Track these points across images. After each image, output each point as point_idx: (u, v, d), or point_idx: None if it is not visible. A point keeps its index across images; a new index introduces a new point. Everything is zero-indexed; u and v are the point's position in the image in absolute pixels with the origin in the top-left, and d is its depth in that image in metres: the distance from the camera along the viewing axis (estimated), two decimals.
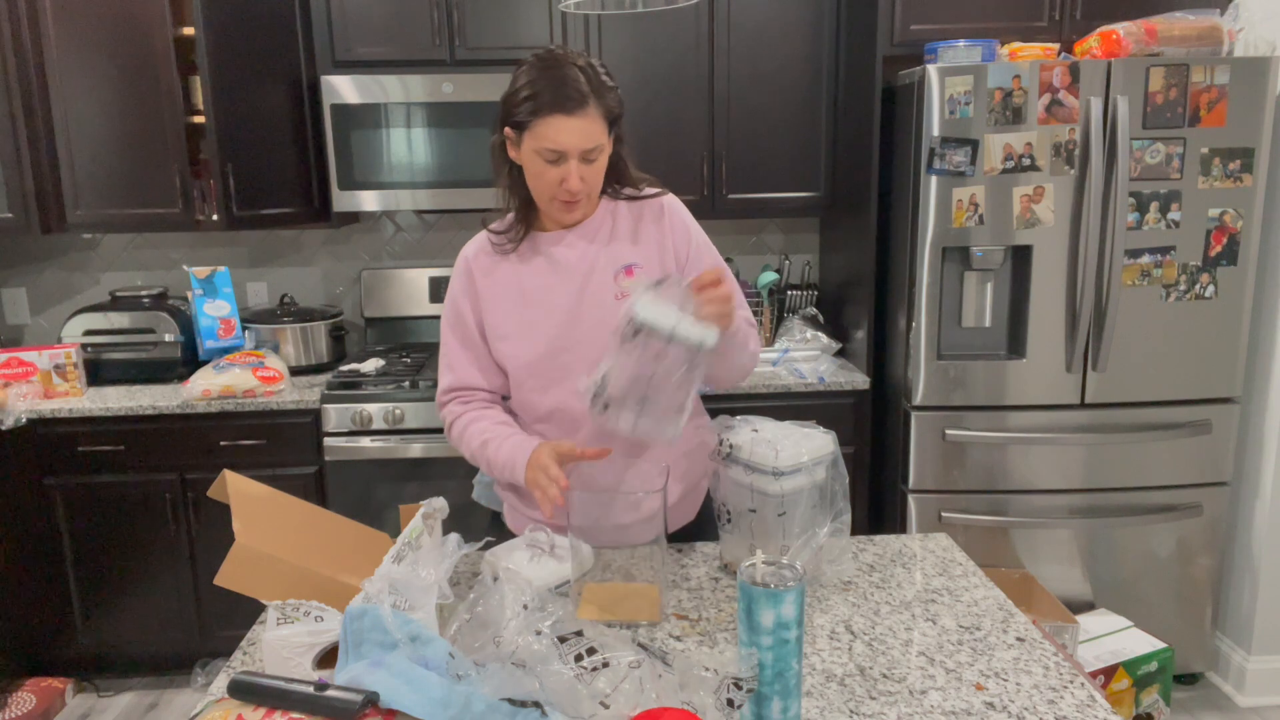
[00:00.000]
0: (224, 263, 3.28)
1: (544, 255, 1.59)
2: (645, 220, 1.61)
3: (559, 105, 1.41)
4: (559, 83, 1.42)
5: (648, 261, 1.59)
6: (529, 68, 1.46)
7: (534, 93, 1.42)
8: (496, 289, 1.59)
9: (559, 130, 1.42)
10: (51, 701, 2.78)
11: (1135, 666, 2.53)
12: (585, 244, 1.59)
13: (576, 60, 1.45)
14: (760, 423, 1.47)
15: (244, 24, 2.81)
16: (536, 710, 0.93)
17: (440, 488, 2.73)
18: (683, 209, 1.66)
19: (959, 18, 2.72)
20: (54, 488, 2.79)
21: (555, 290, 1.57)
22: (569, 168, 1.45)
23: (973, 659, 1.24)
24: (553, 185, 1.48)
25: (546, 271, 1.58)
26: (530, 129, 1.44)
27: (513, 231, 1.59)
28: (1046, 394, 2.62)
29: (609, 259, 1.58)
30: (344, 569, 1.24)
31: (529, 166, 1.49)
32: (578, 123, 1.42)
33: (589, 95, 1.43)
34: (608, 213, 1.61)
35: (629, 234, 1.60)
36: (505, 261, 1.60)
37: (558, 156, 1.45)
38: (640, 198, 1.63)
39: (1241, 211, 2.53)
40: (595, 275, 1.57)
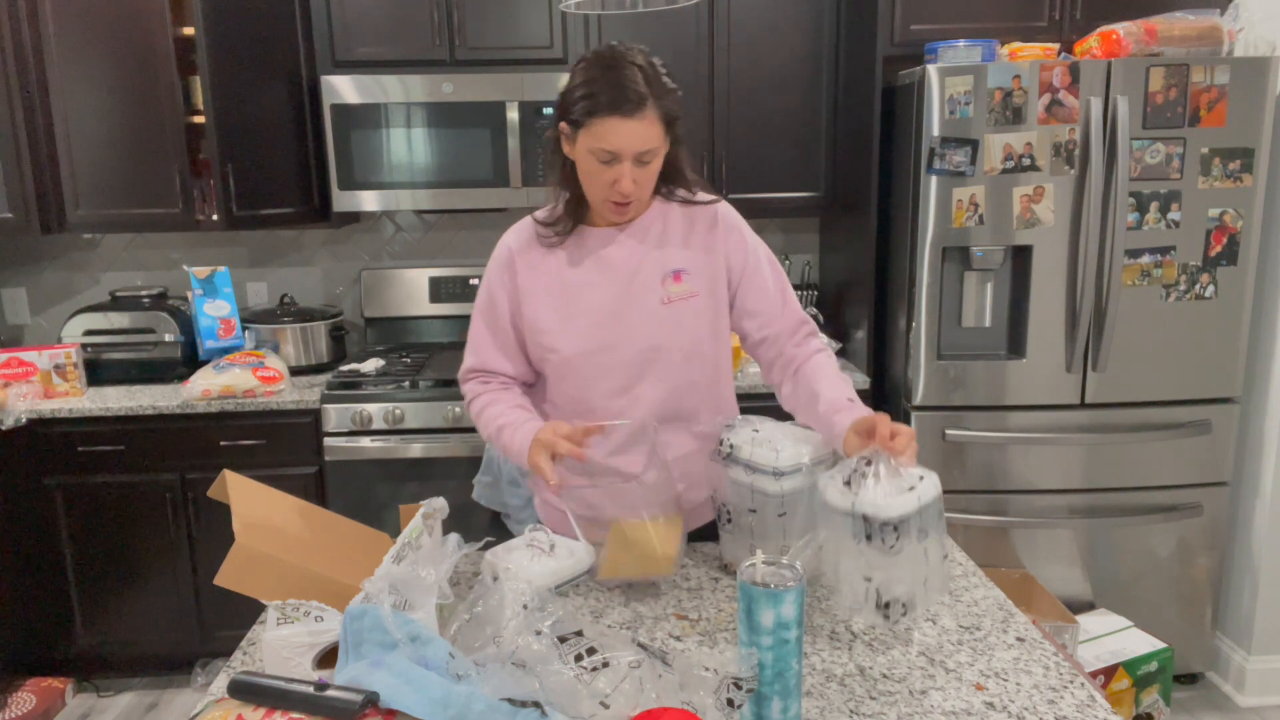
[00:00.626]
0: (224, 263, 3.28)
1: (590, 252, 1.57)
2: (698, 227, 1.59)
3: (616, 106, 1.39)
4: (617, 83, 1.39)
5: (696, 268, 1.58)
6: (587, 65, 1.44)
7: (591, 92, 1.40)
8: (538, 282, 1.58)
9: (614, 132, 1.40)
10: (51, 701, 2.78)
11: (1135, 666, 2.53)
12: (634, 244, 1.57)
13: (636, 59, 1.43)
14: (761, 423, 1.47)
15: (244, 24, 2.81)
16: (536, 710, 0.93)
17: (440, 488, 2.73)
18: (738, 218, 1.64)
19: (959, 18, 2.72)
20: (54, 488, 2.79)
21: (599, 288, 1.56)
22: (622, 169, 1.43)
23: (973, 659, 1.24)
24: (605, 186, 1.46)
25: (591, 268, 1.57)
26: (586, 128, 1.42)
27: (560, 224, 1.57)
28: (1046, 394, 2.62)
29: (656, 262, 1.56)
30: (344, 569, 1.24)
31: (582, 164, 1.47)
32: (634, 125, 1.40)
33: (647, 97, 1.40)
34: (659, 215, 1.59)
35: (679, 238, 1.59)
36: (549, 254, 1.58)
37: (612, 157, 1.43)
38: (694, 203, 1.61)
39: (1241, 211, 2.53)
40: (641, 276, 1.56)
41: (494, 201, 2.95)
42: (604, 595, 1.44)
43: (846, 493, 1.20)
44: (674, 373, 1.58)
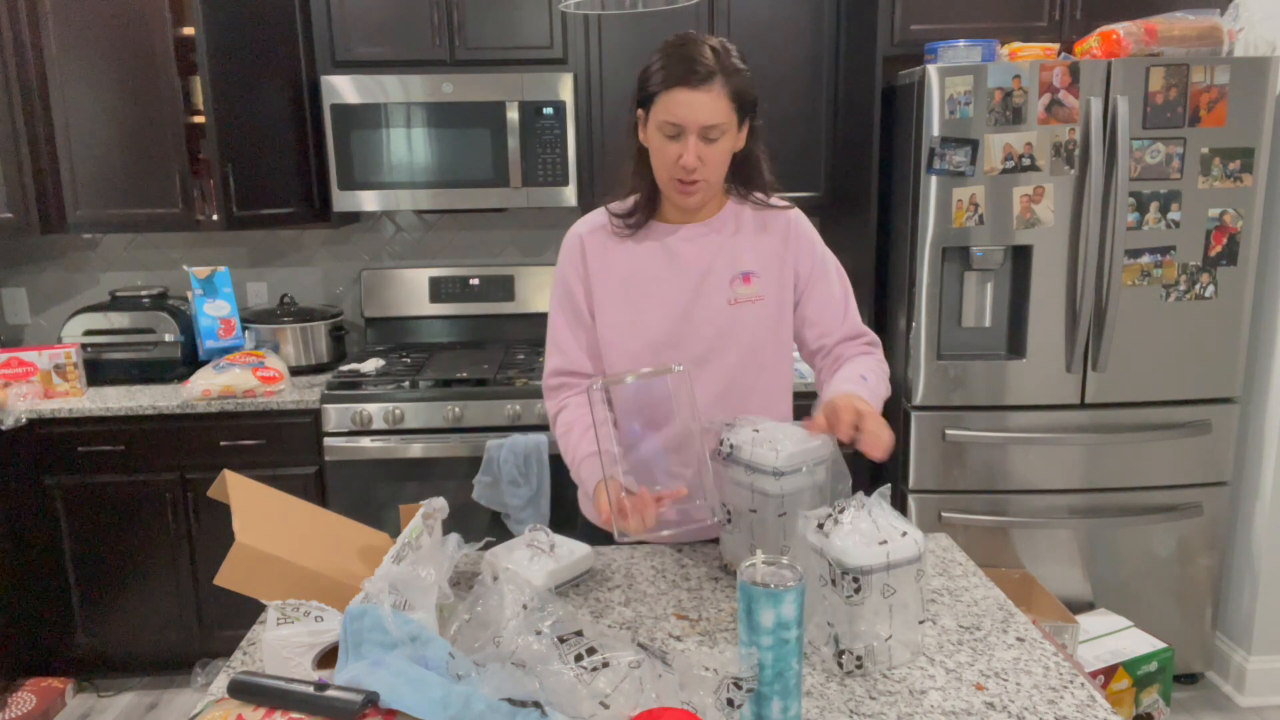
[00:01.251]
0: (224, 263, 3.28)
1: (661, 245, 1.58)
2: (770, 231, 1.60)
3: (683, 78, 1.41)
4: (686, 57, 1.42)
5: (765, 272, 1.58)
6: (663, 47, 1.47)
7: (663, 65, 1.43)
8: (608, 270, 1.58)
9: (680, 103, 1.42)
10: (51, 701, 2.78)
11: (1135, 666, 2.53)
12: (705, 241, 1.58)
13: (710, 40, 1.46)
14: (761, 422, 1.47)
15: (244, 24, 2.81)
16: (536, 710, 0.93)
17: (440, 488, 2.74)
18: (809, 226, 1.65)
19: (959, 18, 2.72)
20: (54, 488, 2.79)
21: (669, 283, 1.56)
22: (688, 143, 1.44)
23: (973, 659, 1.24)
24: (670, 163, 1.46)
25: (662, 262, 1.57)
26: (655, 102, 1.44)
27: (635, 216, 1.57)
28: (1046, 394, 2.62)
29: (727, 261, 1.57)
30: (344, 569, 1.24)
31: (652, 144, 1.48)
32: (701, 97, 1.42)
33: (715, 71, 1.43)
34: (732, 214, 1.60)
35: (751, 241, 1.59)
36: (620, 244, 1.59)
37: (678, 131, 1.44)
38: (768, 207, 1.62)
39: (1241, 211, 2.53)
40: (712, 275, 1.56)
41: (494, 201, 2.95)
42: (604, 595, 1.45)
43: (819, 534, 1.20)
44: (730, 373, 1.58)
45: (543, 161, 2.90)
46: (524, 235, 3.40)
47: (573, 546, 1.49)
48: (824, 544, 1.19)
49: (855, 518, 1.19)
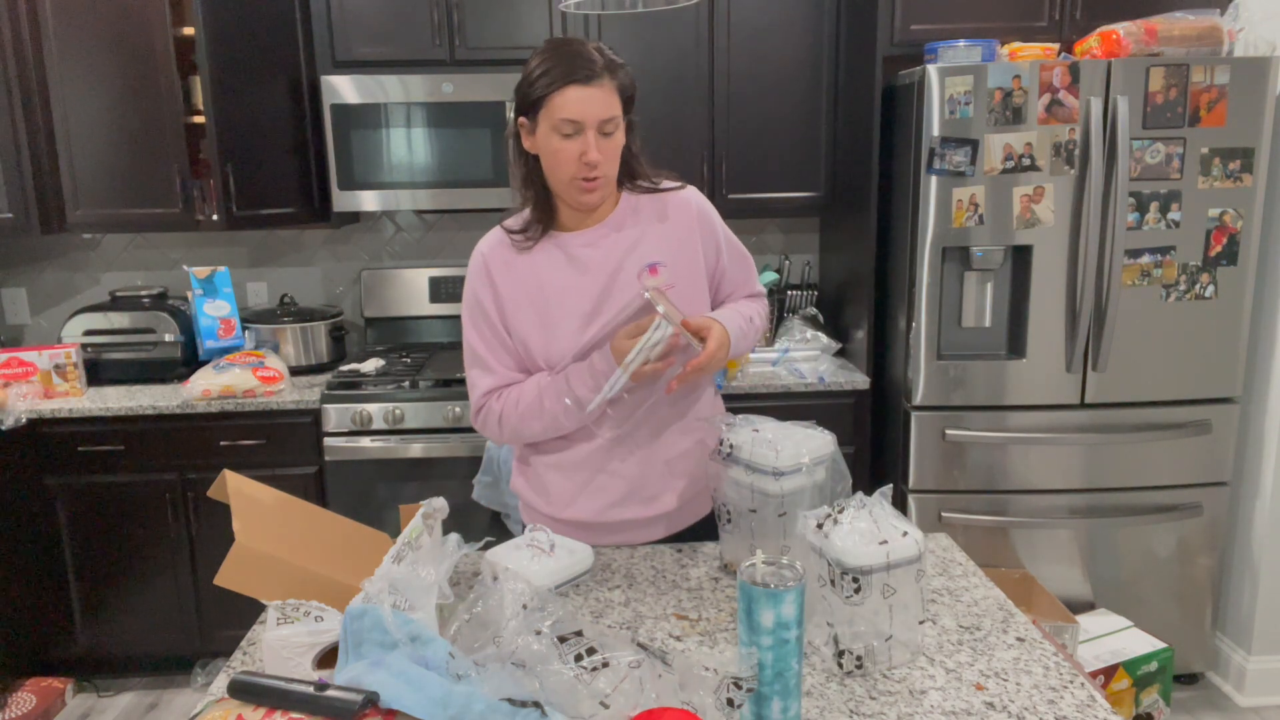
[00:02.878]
0: (224, 263, 3.28)
1: (565, 254, 1.57)
2: (670, 217, 1.60)
3: (574, 76, 1.42)
4: (573, 55, 1.43)
5: (672, 258, 1.57)
6: (540, 51, 1.47)
7: (549, 68, 1.43)
8: (516, 288, 1.57)
9: (575, 100, 1.42)
10: (51, 701, 2.78)
11: (1135, 666, 2.53)
12: (609, 242, 1.57)
13: (585, 40, 1.48)
14: (761, 422, 1.47)
15: (244, 24, 2.81)
16: (536, 710, 0.93)
17: (440, 488, 2.74)
18: (707, 203, 1.65)
19: (959, 18, 2.72)
20: (54, 488, 2.79)
21: (578, 290, 1.55)
22: (588, 139, 1.44)
23: (973, 659, 1.24)
24: (572, 161, 1.46)
25: (568, 270, 1.56)
26: (546, 104, 1.44)
27: (531, 229, 1.57)
28: (1046, 394, 2.62)
29: (634, 255, 1.56)
30: (344, 569, 1.24)
31: (546, 147, 1.48)
32: (594, 92, 1.43)
33: (604, 68, 1.44)
34: (629, 208, 1.59)
35: (653, 230, 1.59)
36: (523, 259, 1.57)
37: (575, 128, 1.44)
38: (660, 190, 1.61)
39: (1241, 211, 2.53)
40: (621, 273, 1.56)
41: (494, 201, 2.95)
42: (604, 595, 1.45)
43: (818, 534, 1.20)
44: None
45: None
46: None
47: (573, 546, 1.49)
48: (824, 544, 1.19)
49: (855, 517, 1.19)
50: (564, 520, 1.65)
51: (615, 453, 1.60)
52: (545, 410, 1.55)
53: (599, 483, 1.61)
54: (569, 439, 1.61)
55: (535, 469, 1.68)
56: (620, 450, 1.60)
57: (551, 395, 1.54)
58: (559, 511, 1.65)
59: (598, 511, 1.63)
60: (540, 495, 1.68)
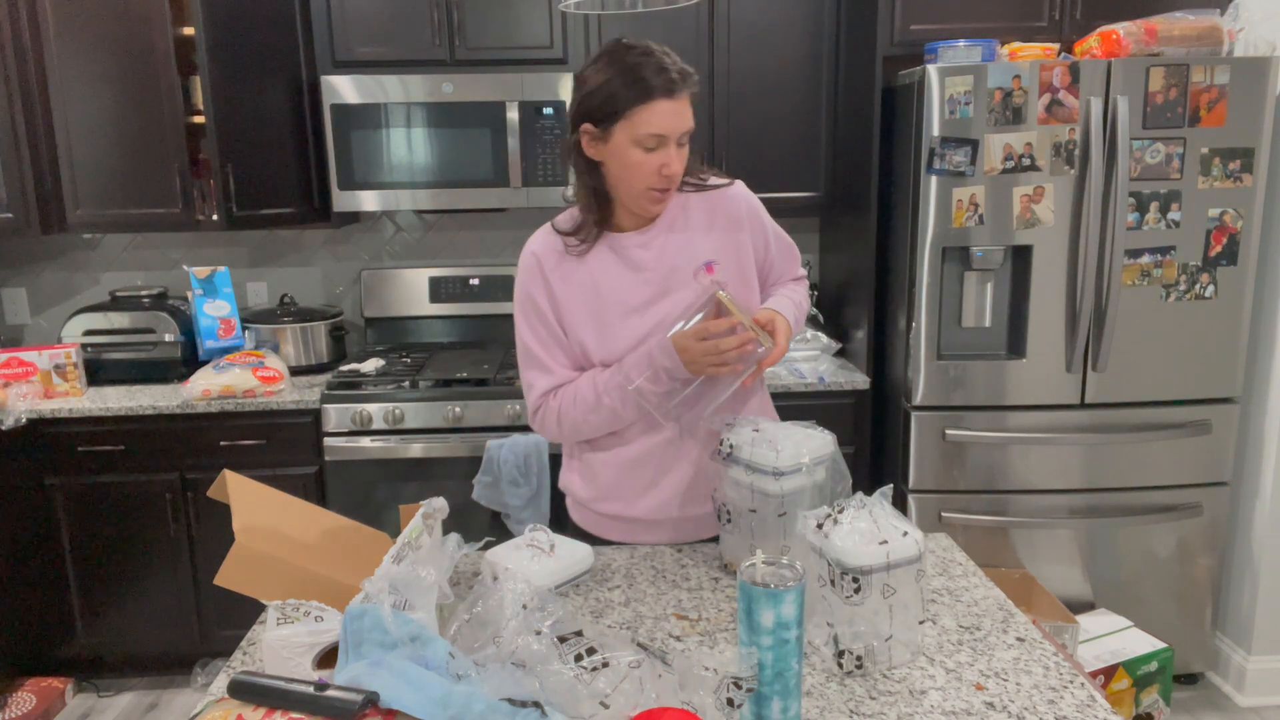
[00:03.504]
0: (224, 263, 3.28)
1: (618, 255, 1.56)
2: (719, 215, 1.59)
3: (665, 89, 1.40)
4: (660, 67, 1.41)
5: (725, 256, 1.57)
6: (610, 61, 1.43)
7: (631, 80, 1.40)
8: (571, 291, 1.56)
9: (663, 114, 1.41)
10: (51, 701, 2.78)
11: (1135, 666, 2.53)
12: (662, 241, 1.56)
13: (655, 46, 1.45)
14: (761, 422, 1.47)
15: (244, 24, 2.81)
16: (536, 710, 0.93)
17: (440, 488, 2.74)
18: (754, 198, 1.64)
19: (959, 18, 2.72)
20: (54, 488, 2.79)
21: (633, 291, 1.55)
22: (670, 152, 1.44)
23: (973, 659, 1.24)
24: (650, 174, 1.45)
25: (623, 271, 1.55)
26: (629, 116, 1.41)
27: (584, 231, 1.55)
28: (1046, 394, 2.62)
29: (688, 255, 1.56)
30: (344, 569, 1.24)
31: (622, 158, 1.45)
32: (679, 105, 1.42)
33: (683, 79, 1.43)
34: (679, 207, 1.58)
35: (704, 226, 1.58)
36: (576, 262, 1.56)
37: (659, 142, 1.43)
38: (709, 187, 1.60)
39: (1241, 211, 2.53)
40: (676, 273, 1.55)
41: (494, 201, 2.95)
42: (604, 595, 1.45)
43: (818, 534, 1.20)
44: None
45: (543, 161, 2.90)
46: (524, 235, 3.38)
47: (573, 546, 1.49)
48: (824, 544, 1.19)
49: (855, 517, 1.19)
50: (623, 518, 1.65)
51: (673, 451, 1.60)
52: (603, 405, 1.54)
53: (658, 480, 1.61)
54: (626, 437, 1.61)
55: (591, 466, 1.67)
56: (678, 449, 1.60)
57: (609, 388, 1.53)
58: (624, 510, 1.64)
59: (656, 509, 1.62)
60: (596, 492, 1.66)
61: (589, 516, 1.70)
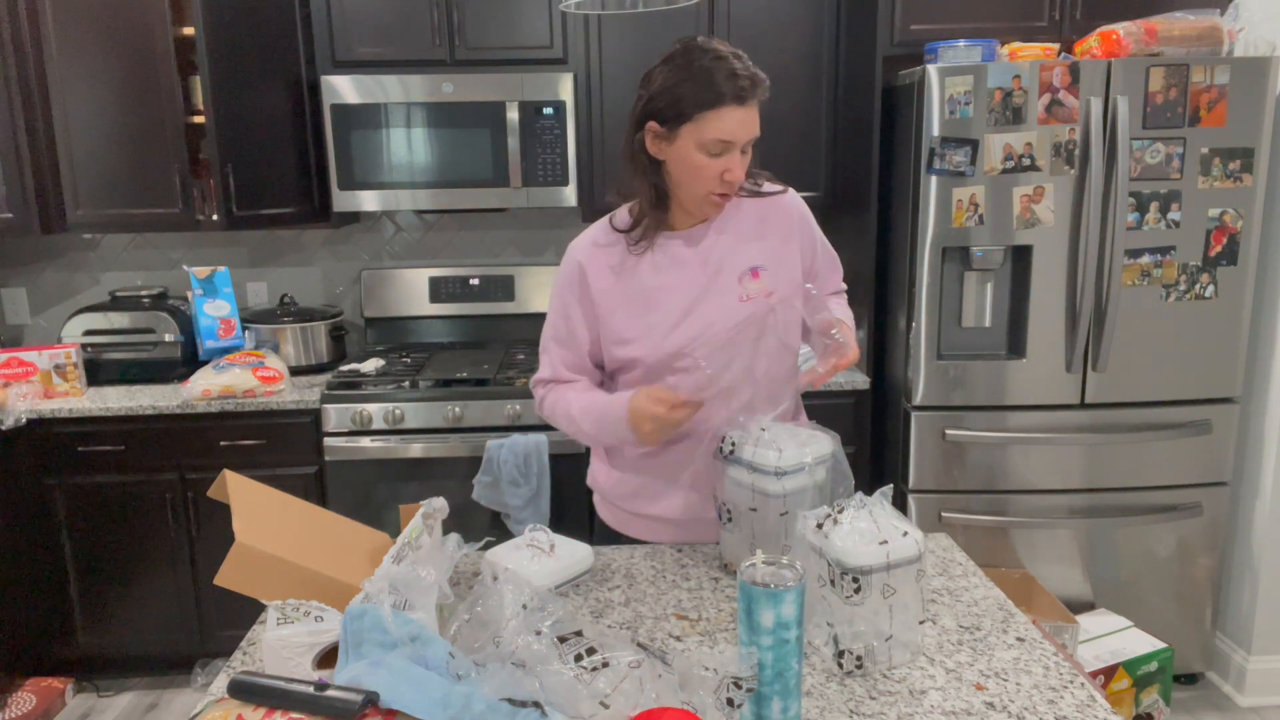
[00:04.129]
0: (224, 263, 3.28)
1: (666, 253, 1.56)
2: (770, 219, 1.59)
3: (736, 96, 1.39)
4: (729, 73, 1.40)
5: (772, 264, 1.58)
6: (681, 61, 1.43)
7: (701, 84, 1.40)
8: (615, 293, 1.56)
9: (732, 120, 1.40)
10: (51, 701, 2.78)
11: (1135, 666, 2.53)
12: (710, 242, 1.56)
13: (725, 48, 1.43)
14: (765, 421, 1.47)
15: (244, 24, 2.81)
16: (536, 710, 0.93)
17: (440, 488, 2.74)
18: (806, 207, 1.65)
19: (959, 18, 2.72)
20: (54, 488, 2.79)
21: (677, 290, 1.55)
22: (734, 158, 1.44)
23: (973, 659, 1.24)
24: (713, 179, 1.45)
25: (669, 269, 1.56)
26: (697, 120, 1.41)
27: (642, 229, 1.55)
28: (1046, 394, 2.62)
29: (735, 259, 1.56)
30: (344, 569, 1.24)
31: (685, 160, 1.45)
32: (748, 113, 1.42)
33: (756, 84, 1.42)
34: (731, 210, 1.58)
35: (754, 232, 1.58)
36: (623, 261, 1.56)
37: (725, 148, 1.43)
38: (761, 194, 1.60)
39: (1241, 211, 2.53)
40: (721, 275, 1.55)
41: (494, 201, 2.95)
42: (604, 595, 1.45)
43: (818, 534, 1.20)
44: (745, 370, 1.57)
45: (543, 161, 2.90)
46: (524, 235, 3.40)
47: (573, 546, 1.49)
48: (824, 544, 1.19)
49: (855, 517, 1.19)
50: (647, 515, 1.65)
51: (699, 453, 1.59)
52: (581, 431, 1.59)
53: (685, 480, 1.61)
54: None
55: (619, 465, 1.67)
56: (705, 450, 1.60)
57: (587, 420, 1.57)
58: (643, 507, 1.65)
59: (682, 509, 1.62)
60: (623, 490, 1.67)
61: (616, 513, 1.71)
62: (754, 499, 1.41)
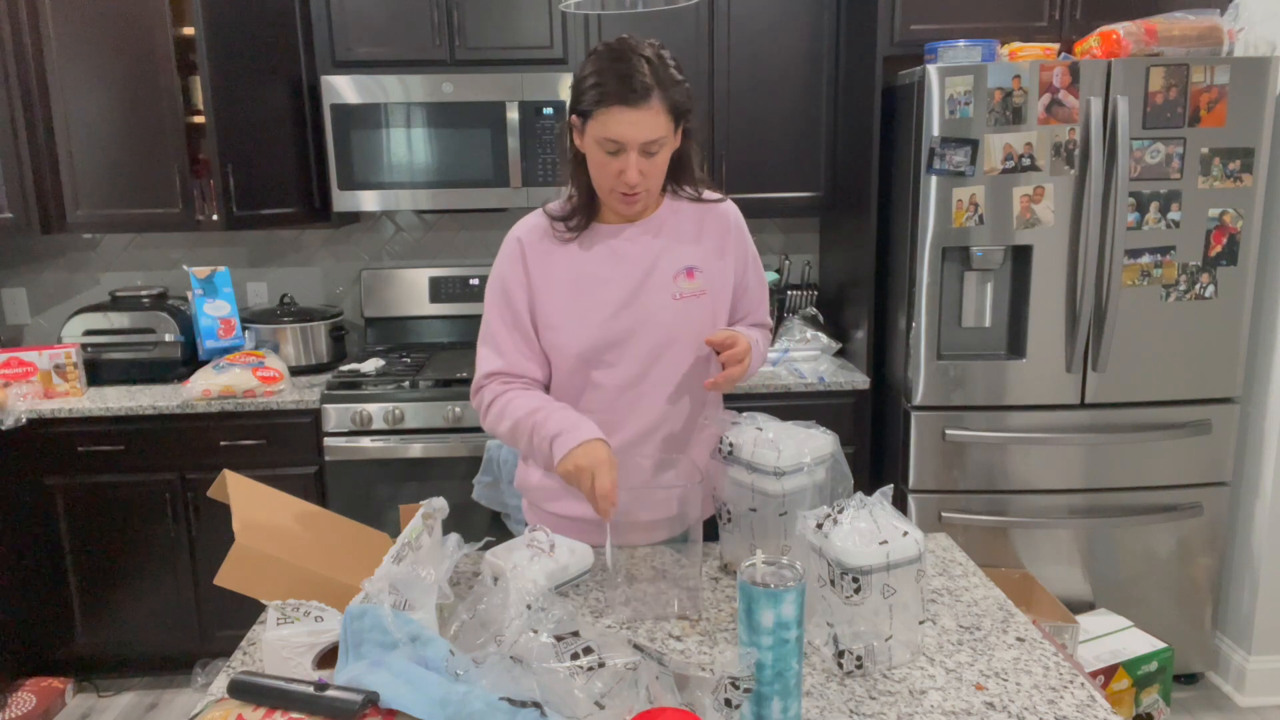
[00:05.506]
0: (224, 263, 3.28)
1: (604, 245, 1.58)
2: (708, 225, 1.63)
3: (621, 96, 1.40)
4: (623, 74, 1.41)
5: (707, 267, 1.60)
6: (596, 56, 1.45)
7: (598, 81, 1.42)
8: (551, 275, 1.57)
9: (620, 121, 1.41)
10: (51, 701, 2.78)
11: (1135, 666, 2.53)
12: (648, 239, 1.58)
13: (644, 50, 1.44)
14: (764, 421, 1.47)
15: (244, 24, 2.81)
16: (536, 710, 0.93)
17: (440, 488, 2.73)
18: (742, 220, 1.68)
19: (959, 18, 2.71)
20: (54, 488, 2.79)
21: (612, 282, 1.57)
22: (628, 160, 1.44)
23: (973, 659, 1.24)
24: (611, 176, 1.47)
25: (605, 262, 1.57)
26: (593, 118, 1.43)
27: (575, 219, 1.57)
28: (1046, 394, 2.62)
29: (671, 257, 1.58)
30: (344, 569, 1.24)
31: (591, 155, 1.48)
32: (639, 115, 1.41)
33: (652, 87, 1.41)
34: (670, 211, 1.61)
35: (692, 235, 1.61)
36: (562, 247, 1.58)
37: (618, 148, 1.44)
38: (702, 201, 1.64)
39: (1241, 211, 2.53)
40: (656, 272, 1.57)
41: (494, 201, 2.95)
42: (604, 595, 1.44)
43: (818, 534, 1.20)
44: (678, 369, 1.60)
45: (543, 161, 2.90)
46: None
47: (573, 546, 1.49)
48: (824, 544, 1.19)
49: (855, 517, 1.19)
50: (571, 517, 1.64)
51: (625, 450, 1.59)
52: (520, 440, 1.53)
53: None
54: None
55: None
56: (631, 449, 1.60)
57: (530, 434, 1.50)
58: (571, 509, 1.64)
59: None
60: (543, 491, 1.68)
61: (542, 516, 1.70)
62: (753, 499, 1.41)
